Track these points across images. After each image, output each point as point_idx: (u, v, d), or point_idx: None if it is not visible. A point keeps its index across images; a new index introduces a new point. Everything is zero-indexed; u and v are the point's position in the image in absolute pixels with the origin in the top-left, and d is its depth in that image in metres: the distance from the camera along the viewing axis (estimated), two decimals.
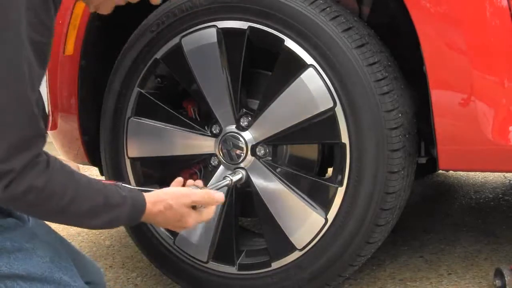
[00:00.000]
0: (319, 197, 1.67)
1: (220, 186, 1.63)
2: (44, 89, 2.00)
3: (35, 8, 1.08)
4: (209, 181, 1.76)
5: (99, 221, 1.19)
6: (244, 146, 1.71)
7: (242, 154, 1.72)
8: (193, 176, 1.89)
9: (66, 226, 1.51)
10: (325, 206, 1.64)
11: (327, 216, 1.63)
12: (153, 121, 1.84)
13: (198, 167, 1.89)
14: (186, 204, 1.32)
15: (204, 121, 1.83)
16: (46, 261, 1.22)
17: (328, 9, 1.58)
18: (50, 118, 2.16)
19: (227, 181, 1.65)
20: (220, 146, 1.75)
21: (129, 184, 1.86)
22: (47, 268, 1.21)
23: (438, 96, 1.52)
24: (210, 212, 1.38)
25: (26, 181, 1.08)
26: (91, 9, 1.36)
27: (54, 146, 2.24)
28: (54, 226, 1.37)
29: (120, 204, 1.21)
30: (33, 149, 1.09)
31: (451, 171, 2.94)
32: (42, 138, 1.12)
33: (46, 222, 1.34)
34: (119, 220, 1.23)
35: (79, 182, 1.17)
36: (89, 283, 1.34)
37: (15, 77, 1.07)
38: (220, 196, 1.38)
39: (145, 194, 1.28)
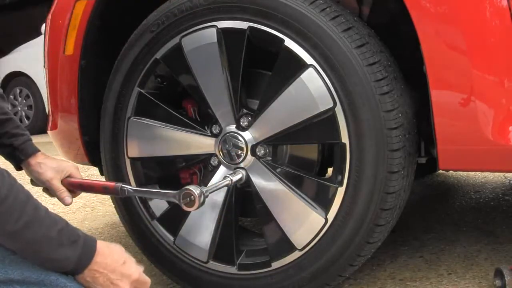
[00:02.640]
0: (319, 197, 1.67)
1: (220, 186, 1.63)
2: (44, 89, 2.01)
3: None
4: (209, 181, 1.76)
5: (48, 253, 1.14)
6: (244, 146, 1.71)
7: (242, 154, 1.72)
8: (193, 176, 1.89)
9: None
10: (325, 206, 1.64)
11: (327, 216, 1.63)
12: (153, 121, 1.84)
13: (198, 167, 1.89)
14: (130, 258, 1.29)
15: (204, 121, 1.83)
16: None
17: (328, 9, 1.58)
18: (50, 118, 2.17)
19: (227, 181, 1.65)
20: (220, 146, 1.75)
21: (129, 184, 1.86)
22: (43, 270, 1.19)
23: (438, 96, 1.51)
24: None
25: None
26: None
27: (54, 146, 2.24)
28: None
29: (76, 239, 1.17)
30: None
31: (451, 171, 2.94)
32: None
33: None
34: (71, 257, 1.17)
35: (38, 206, 1.13)
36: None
37: None
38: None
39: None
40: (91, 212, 3.07)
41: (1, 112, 1.56)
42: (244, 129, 1.72)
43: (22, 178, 1.34)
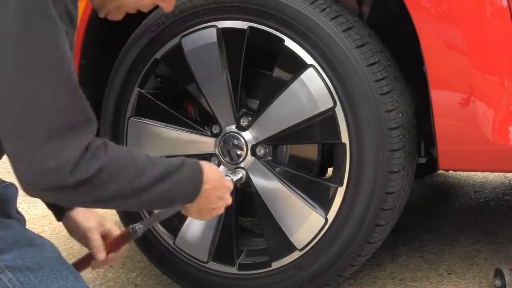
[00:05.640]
0: (319, 197, 1.67)
1: None
2: None
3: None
4: None
5: (164, 187, 1.16)
6: (244, 146, 1.71)
7: (242, 154, 1.72)
8: None
9: (64, 227, 1.48)
10: (325, 206, 1.64)
11: (327, 216, 1.63)
12: (153, 121, 1.84)
13: None
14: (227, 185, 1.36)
15: (204, 121, 1.83)
16: (56, 257, 1.22)
17: (328, 9, 1.58)
18: None
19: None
20: (220, 146, 1.75)
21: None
22: (57, 265, 1.21)
23: (438, 96, 1.52)
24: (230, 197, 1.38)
25: (94, 163, 1.05)
26: (101, 15, 1.33)
27: None
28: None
29: (179, 165, 1.20)
30: (89, 133, 1.07)
31: (451, 171, 2.94)
32: (95, 124, 1.11)
33: None
34: (182, 183, 1.20)
35: (138, 155, 1.16)
36: None
37: (66, 72, 1.06)
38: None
39: None
40: None
41: None
42: (244, 129, 1.72)
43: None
